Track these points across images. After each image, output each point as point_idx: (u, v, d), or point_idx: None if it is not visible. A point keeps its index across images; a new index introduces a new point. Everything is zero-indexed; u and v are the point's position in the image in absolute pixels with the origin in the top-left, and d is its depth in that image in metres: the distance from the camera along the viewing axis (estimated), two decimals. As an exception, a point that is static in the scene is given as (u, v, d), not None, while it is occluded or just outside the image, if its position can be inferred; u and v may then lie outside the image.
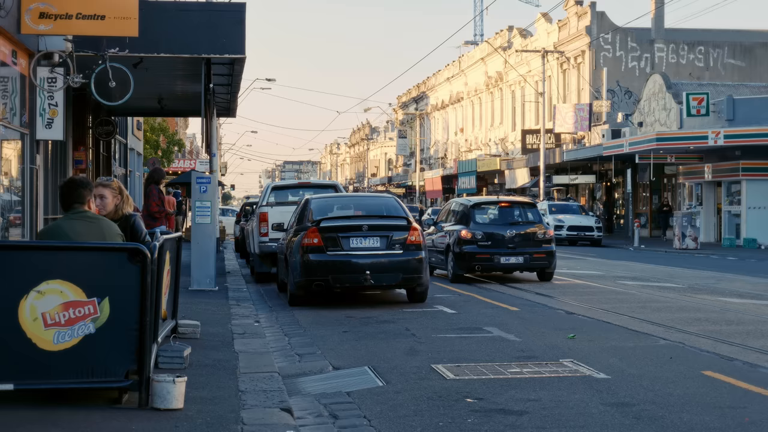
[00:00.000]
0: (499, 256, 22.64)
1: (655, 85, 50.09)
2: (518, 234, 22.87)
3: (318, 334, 13.93)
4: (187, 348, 10.12)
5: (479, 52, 78.44)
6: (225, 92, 25.24)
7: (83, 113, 25.18)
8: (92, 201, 8.88)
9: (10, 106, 16.51)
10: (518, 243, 22.83)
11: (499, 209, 23.90)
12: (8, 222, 16.34)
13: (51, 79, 17.32)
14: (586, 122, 55.21)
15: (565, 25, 61.68)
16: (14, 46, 16.18)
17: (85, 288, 7.81)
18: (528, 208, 24.18)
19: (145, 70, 19.13)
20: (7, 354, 7.71)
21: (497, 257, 22.63)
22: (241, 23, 18.13)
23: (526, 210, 23.99)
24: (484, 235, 22.79)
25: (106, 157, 30.99)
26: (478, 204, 24.16)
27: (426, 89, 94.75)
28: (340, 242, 17.33)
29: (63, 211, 8.84)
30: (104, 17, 15.53)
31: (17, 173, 17.33)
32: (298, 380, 10.57)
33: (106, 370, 7.86)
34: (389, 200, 20.21)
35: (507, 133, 71.27)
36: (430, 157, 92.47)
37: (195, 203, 19.67)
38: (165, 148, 60.15)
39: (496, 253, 22.64)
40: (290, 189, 25.64)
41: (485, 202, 24.68)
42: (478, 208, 23.77)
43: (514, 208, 24.05)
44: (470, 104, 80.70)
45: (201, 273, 19.28)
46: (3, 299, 7.70)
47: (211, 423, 7.57)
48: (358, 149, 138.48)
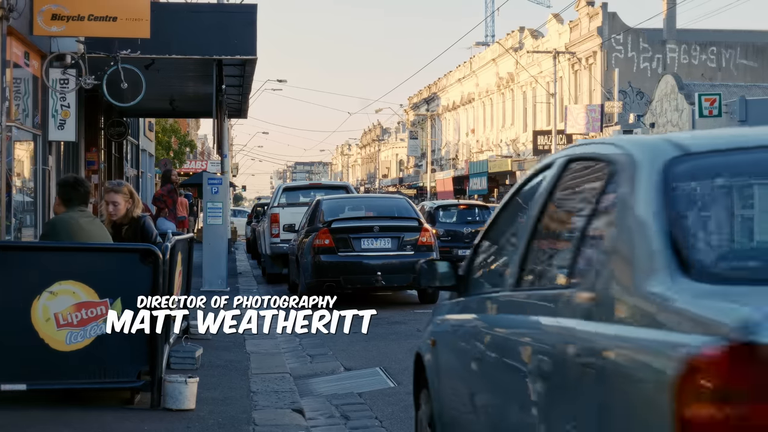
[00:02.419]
0: (457, 249, 25.42)
1: (667, 86, 50.03)
2: (474, 231, 25.70)
3: (329, 335, 13.92)
4: (198, 349, 10.14)
5: (490, 53, 78.41)
6: (236, 93, 25.28)
7: (95, 114, 25.25)
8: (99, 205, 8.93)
9: (22, 107, 16.56)
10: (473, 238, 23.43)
11: (458, 211, 28.24)
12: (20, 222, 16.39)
13: (63, 80, 17.37)
14: (598, 123, 55.14)
15: (577, 26, 61.63)
16: (27, 47, 16.23)
17: (98, 289, 7.83)
18: (484, 210, 28.46)
19: (156, 72, 19.17)
20: (20, 354, 7.74)
21: (455, 250, 25.39)
22: (253, 24, 18.17)
23: (482, 211, 28.17)
24: (445, 232, 26.39)
25: (118, 158, 31.06)
26: (441, 206, 28.72)
27: (437, 90, 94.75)
28: (351, 243, 17.34)
29: (65, 206, 8.80)
30: (116, 19, 15.58)
31: (30, 174, 17.38)
32: (309, 381, 10.59)
33: (118, 371, 7.89)
34: (400, 201, 20.22)
35: (518, 134, 71.24)
36: (441, 158, 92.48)
37: (206, 204, 19.71)
38: (176, 149, 60.26)
39: (455, 246, 25.75)
40: (301, 190, 25.68)
41: (447, 205, 29.20)
42: (442, 209, 28.18)
43: (473, 210, 28.57)
44: (481, 105, 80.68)
45: (212, 274, 19.31)
46: (16, 300, 7.73)
47: (223, 424, 7.58)
48: (369, 150, 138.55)
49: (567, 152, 4.66)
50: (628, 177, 3.76)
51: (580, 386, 3.54)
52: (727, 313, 2.89)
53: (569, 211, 4.50)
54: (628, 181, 3.75)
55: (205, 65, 19.66)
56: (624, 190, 3.76)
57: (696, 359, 2.83)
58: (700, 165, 3.75)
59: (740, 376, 2.78)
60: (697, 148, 3.84)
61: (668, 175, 3.63)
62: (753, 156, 3.85)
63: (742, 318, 2.82)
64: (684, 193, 3.62)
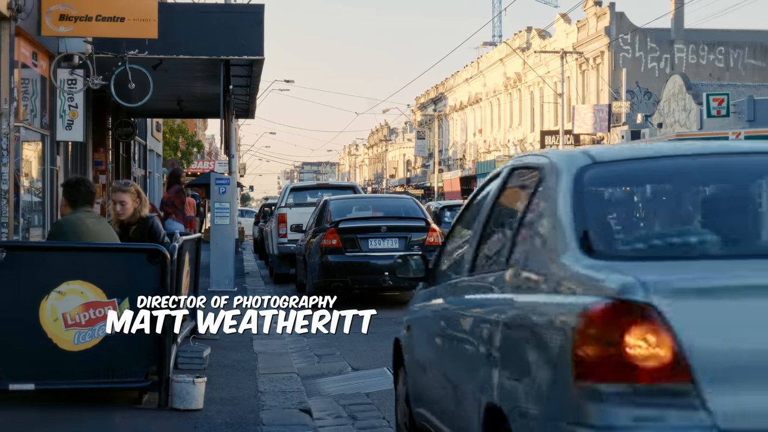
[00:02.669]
0: None
1: (674, 85, 49.95)
2: None
3: (336, 335, 13.92)
4: (206, 349, 10.15)
5: (498, 53, 78.36)
6: (244, 93, 25.29)
7: (103, 115, 25.28)
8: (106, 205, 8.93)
9: (30, 107, 16.59)
10: None
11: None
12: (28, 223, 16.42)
13: (71, 80, 17.39)
14: (606, 123, 55.05)
15: (584, 26, 61.56)
16: (35, 48, 16.26)
17: (105, 289, 7.84)
18: None
19: (164, 72, 19.19)
20: (28, 354, 7.75)
21: None
22: (260, 25, 18.18)
23: None
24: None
25: (126, 158, 31.10)
26: (446, 206, 29.19)
27: (444, 90, 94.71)
28: (358, 243, 17.34)
29: (71, 207, 8.81)
30: (124, 19, 15.60)
31: (38, 174, 17.41)
32: (317, 381, 10.59)
33: (126, 371, 7.90)
34: (408, 201, 20.22)
35: (526, 134, 71.20)
36: (448, 159, 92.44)
37: (214, 204, 19.71)
38: (184, 150, 60.31)
39: None
40: (309, 190, 25.70)
41: (452, 205, 29.61)
42: (448, 209, 28.21)
43: None
44: (489, 105, 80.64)
45: (220, 274, 19.31)
46: (24, 300, 7.75)
47: (231, 424, 7.59)
48: (377, 150, 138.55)
49: (511, 163, 5.75)
50: (551, 180, 4.78)
51: (514, 341, 4.54)
52: (611, 280, 3.94)
53: (510, 208, 5.51)
54: (551, 183, 4.77)
55: (213, 65, 19.67)
56: (548, 190, 4.78)
57: (587, 313, 3.89)
58: (603, 171, 4.86)
59: (618, 324, 3.81)
60: (602, 158, 4.94)
61: (579, 178, 4.66)
62: (643, 164, 5.10)
63: (620, 283, 3.87)
64: (589, 191, 4.66)
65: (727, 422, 3.78)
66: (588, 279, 4.10)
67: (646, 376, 3.79)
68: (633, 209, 5.06)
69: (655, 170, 5.09)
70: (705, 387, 3.78)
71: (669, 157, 5.16)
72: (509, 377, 4.53)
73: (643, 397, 3.79)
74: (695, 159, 5.13)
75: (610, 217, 4.76)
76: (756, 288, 3.92)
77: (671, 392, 3.80)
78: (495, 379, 4.68)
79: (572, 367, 3.91)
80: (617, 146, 5.50)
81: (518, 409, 4.37)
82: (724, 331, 3.82)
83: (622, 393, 3.80)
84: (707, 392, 3.78)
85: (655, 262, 4.24)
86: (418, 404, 6.58)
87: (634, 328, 3.79)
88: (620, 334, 3.79)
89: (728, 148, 5.54)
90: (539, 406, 4.18)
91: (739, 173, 5.01)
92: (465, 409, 5.23)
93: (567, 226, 4.43)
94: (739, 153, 5.31)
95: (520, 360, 4.40)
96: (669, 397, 3.80)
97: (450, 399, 5.59)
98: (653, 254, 4.39)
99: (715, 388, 3.78)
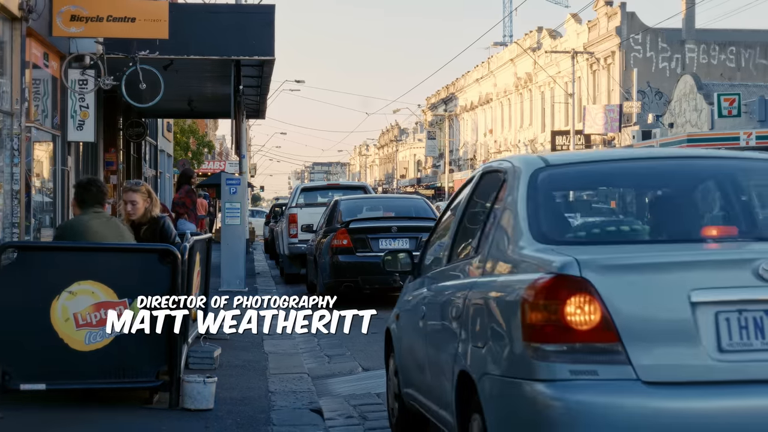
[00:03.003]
0: None
1: (686, 85, 49.84)
2: None
3: (347, 335, 13.92)
4: (217, 349, 10.16)
5: (508, 53, 78.30)
6: (254, 94, 25.31)
7: (114, 115, 25.32)
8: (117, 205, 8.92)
9: (41, 108, 16.63)
10: None
11: None
12: (40, 223, 16.45)
13: (82, 81, 17.43)
14: (617, 123, 54.95)
15: (595, 26, 61.47)
16: (46, 48, 16.30)
17: (116, 289, 7.85)
18: None
19: (175, 72, 19.21)
20: (39, 354, 7.77)
21: None
22: (271, 25, 18.18)
23: None
24: None
25: (137, 158, 31.14)
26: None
27: (455, 90, 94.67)
28: (369, 243, 17.33)
29: (80, 207, 8.83)
30: (134, 20, 15.62)
31: (49, 175, 17.45)
32: (327, 381, 10.59)
33: (136, 371, 7.90)
34: (418, 202, 20.21)
35: (536, 135, 71.13)
36: (459, 159, 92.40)
37: (225, 205, 19.72)
38: (195, 150, 60.38)
39: None
40: (319, 190, 25.71)
41: None
42: None
43: None
44: (499, 105, 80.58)
45: (231, 274, 19.33)
46: (35, 300, 7.76)
47: (242, 423, 7.59)
48: (387, 150, 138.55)
49: (483, 167, 6.65)
50: (512, 181, 5.66)
51: (479, 316, 5.34)
52: (553, 260, 4.76)
53: (480, 205, 6.33)
54: (511, 183, 5.65)
55: (224, 66, 19.69)
56: (509, 189, 5.64)
57: (534, 285, 4.69)
58: (555, 173, 5.72)
59: (557, 294, 4.60)
60: (554, 162, 5.82)
61: (534, 178, 5.54)
62: (588, 167, 6.11)
63: (561, 262, 4.68)
64: (542, 189, 5.50)
65: (646, 375, 4.51)
66: (536, 259, 4.94)
67: (581, 336, 4.55)
68: (578, 203, 6.15)
69: (598, 172, 6.08)
70: (629, 346, 4.52)
71: (609, 161, 6.28)
72: (474, 346, 5.30)
73: (579, 354, 4.54)
74: (630, 162, 6.18)
75: (558, 209, 5.69)
76: (664, 265, 4.74)
77: (601, 350, 4.54)
78: (463, 349, 5.47)
79: (522, 331, 4.68)
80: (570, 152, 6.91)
81: (482, 371, 5.12)
82: (642, 299, 4.59)
83: (562, 351, 4.55)
84: (631, 350, 4.52)
85: (591, 246, 5.12)
86: (406, 385, 7.24)
87: (571, 297, 4.55)
88: (560, 303, 4.56)
89: (659, 154, 7.09)
90: (498, 368, 4.93)
91: (670, 175, 5.95)
92: (441, 380, 5.98)
93: (522, 218, 5.28)
94: (667, 157, 6.48)
95: (483, 330, 5.22)
96: (600, 355, 4.54)
97: (430, 374, 6.35)
98: (591, 240, 5.33)
99: (637, 347, 4.53)
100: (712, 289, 4.61)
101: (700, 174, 6.01)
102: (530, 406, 4.62)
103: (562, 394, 4.51)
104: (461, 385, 5.50)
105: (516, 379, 4.73)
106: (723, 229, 5.46)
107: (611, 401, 4.48)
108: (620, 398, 4.48)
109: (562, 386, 4.52)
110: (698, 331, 4.55)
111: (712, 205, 5.83)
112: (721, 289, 4.62)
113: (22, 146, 14.33)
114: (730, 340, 4.57)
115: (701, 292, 4.59)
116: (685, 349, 4.55)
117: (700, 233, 5.35)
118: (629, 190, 6.13)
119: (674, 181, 5.91)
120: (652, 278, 4.65)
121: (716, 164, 6.13)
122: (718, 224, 5.56)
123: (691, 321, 4.56)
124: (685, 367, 4.55)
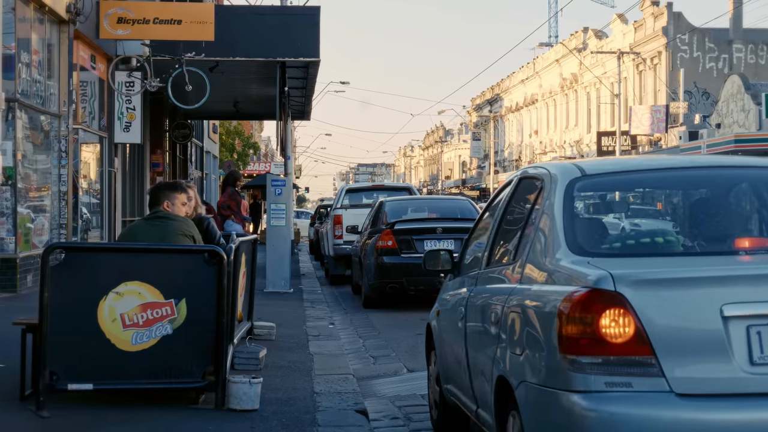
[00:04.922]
0: None
1: (733, 86, 49.40)
2: None
3: (392, 336, 13.92)
4: (262, 349, 10.18)
5: (554, 53, 77.99)
6: (299, 95, 25.38)
7: (160, 117, 25.50)
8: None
9: (89, 110, 16.77)
10: None
11: None
12: (87, 224, 16.58)
13: (129, 83, 17.57)
14: (663, 124, 54.54)
15: (641, 26, 61.08)
16: (93, 50, 16.44)
17: (163, 289, 7.88)
18: None
19: (220, 74, 19.31)
20: (86, 354, 7.81)
21: None
22: (316, 26, 18.22)
23: None
24: None
25: (183, 160, 31.33)
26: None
27: (500, 91, 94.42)
28: (414, 245, 17.31)
29: None
30: (181, 22, 15.73)
31: (96, 176, 17.59)
32: (372, 382, 10.58)
33: (183, 371, 7.93)
34: (463, 203, 20.16)
35: (582, 135, 70.78)
36: (504, 160, 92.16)
37: (270, 206, 19.79)
38: (240, 151, 60.66)
39: None
40: (364, 192, 25.73)
41: None
42: None
43: None
44: (545, 106, 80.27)
45: (276, 275, 19.38)
46: (83, 301, 7.81)
47: (287, 424, 7.60)
48: (432, 152, 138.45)
49: (519, 173, 6.73)
50: (549, 189, 5.75)
51: (517, 323, 5.44)
52: (589, 273, 4.85)
53: (518, 211, 6.44)
54: (548, 192, 5.74)
55: (269, 67, 19.76)
56: (545, 198, 5.74)
57: (570, 299, 4.77)
58: (592, 182, 5.89)
59: (592, 308, 4.69)
60: (591, 171, 5.92)
61: (570, 188, 5.63)
62: (625, 177, 6.18)
63: (596, 275, 4.78)
64: (579, 199, 5.70)
65: (680, 387, 4.61)
66: (572, 271, 5.04)
67: (616, 349, 4.66)
68: (614, 214, 6.22)
69: (635, 181, 6.24)
70: (662, 359, 4.63)
71: (647, 171, 6.32)
72: (512, 352, 5.43)
73: (614, 366, 4.66)
74: (665, 172, 6.28)
75: (593, 220, 5.86)
76: (696, 280, 4.81)
77: (635, 363, 4.66)
78: (502, 354, 5.61)
79: (558, 342, 4.79)
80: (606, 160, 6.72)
81: (520, 379, 5.25)
82: (675, 312, 4.68)
83: (597, 363, 4.67)
84: (664, 363, 4.63)
85: (626, 258, 5.23)
86: (446, 381, 7.41)
87: (605, 311, 4.65)
88: (595, 316, 4.66)
89: (695, 163, 7.10)
90: (536, 376, 5.05)
91: (705, 185, 6.05)
92: (481, 381, 6.13)
93: (559, 228, 5.40)
94: (704, 167, 6.50)
95: (521, 338, 5.33)
96: (634, 367, 4.66)
97: (470, 374, 6.48)
98: (626, 252, 5.42)
99: (670, 360, 4.64)
100: (744, 304, 4.69)
101: (736, 184, 6.05)
102: (566, 416, 4.74)
103: (597, 405, 4.62)
104: (500, 389, 5.63)
105: (553, 389, 4.85)
106: (756, 241, 5.56)
107: (645, 413, 4.58)
108: (654, 410, 4.58)
109: (597, 398, 4.64)
110: (730, 345, 4.65)
111: (748, 216, 5.92)
112: (753, 303, 4.71)
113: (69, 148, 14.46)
114: (761, 354, 4.67)
115: (733, 306, 4.67)
116: (718, 362, 4.64)
117: (734, 245, 5.44)
118: (664, 200, 6.27)
119: (710, 191, 5.99)
120: (684, 293, 4.73)
121: (754, 174, 6.15)
122: (752, 236, 5.66)
123: (723, 334, 4.65)
124: (718, 380, 4.64)
